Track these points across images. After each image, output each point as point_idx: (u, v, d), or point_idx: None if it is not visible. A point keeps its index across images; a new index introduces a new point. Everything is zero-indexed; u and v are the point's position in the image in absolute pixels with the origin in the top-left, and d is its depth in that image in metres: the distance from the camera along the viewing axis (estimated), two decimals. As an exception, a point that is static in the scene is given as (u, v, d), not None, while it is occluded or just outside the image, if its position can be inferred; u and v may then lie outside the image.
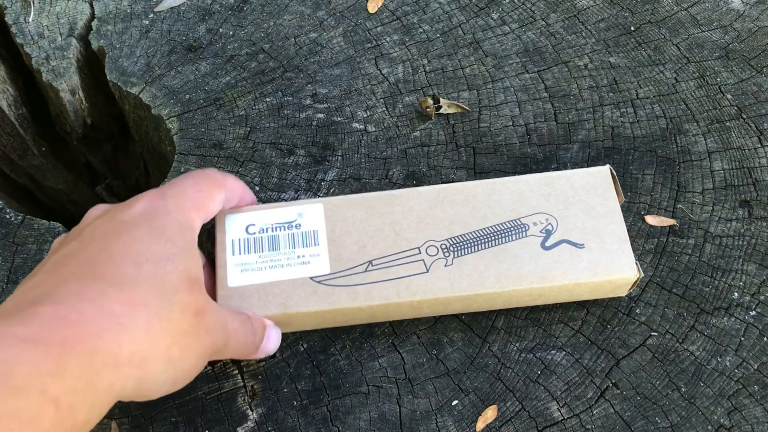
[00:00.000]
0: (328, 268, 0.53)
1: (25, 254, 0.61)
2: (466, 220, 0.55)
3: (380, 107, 0.68)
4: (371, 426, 0.53)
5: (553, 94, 0.69)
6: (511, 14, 0.75)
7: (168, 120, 0.68)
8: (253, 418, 0.54)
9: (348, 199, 0.56)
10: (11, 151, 0.83)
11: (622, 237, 0.54)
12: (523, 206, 0.56)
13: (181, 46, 0.73)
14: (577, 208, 0.55)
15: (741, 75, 0.69)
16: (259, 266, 0.53)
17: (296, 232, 0.55)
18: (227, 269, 0.53)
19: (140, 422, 0.53)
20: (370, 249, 0.54)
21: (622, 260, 0.53)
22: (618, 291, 0.56)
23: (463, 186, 0.57)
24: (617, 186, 0.56)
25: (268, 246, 0.54)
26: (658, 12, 0.74)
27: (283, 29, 0.74)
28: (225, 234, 0.55)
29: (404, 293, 0.53)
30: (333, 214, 0.56)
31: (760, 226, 0.61)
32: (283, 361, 0.56)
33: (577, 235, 0.54)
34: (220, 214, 0.56)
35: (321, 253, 0.54)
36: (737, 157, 0.64)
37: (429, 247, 0.54)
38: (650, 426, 0.53)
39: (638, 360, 0.55)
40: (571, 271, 0.53)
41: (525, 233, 0.54)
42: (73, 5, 0.77)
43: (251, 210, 0.56)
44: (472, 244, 0.54)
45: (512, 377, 0.55)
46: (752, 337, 0.56)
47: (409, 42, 0.73)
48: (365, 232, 0.55)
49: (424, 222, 0.55)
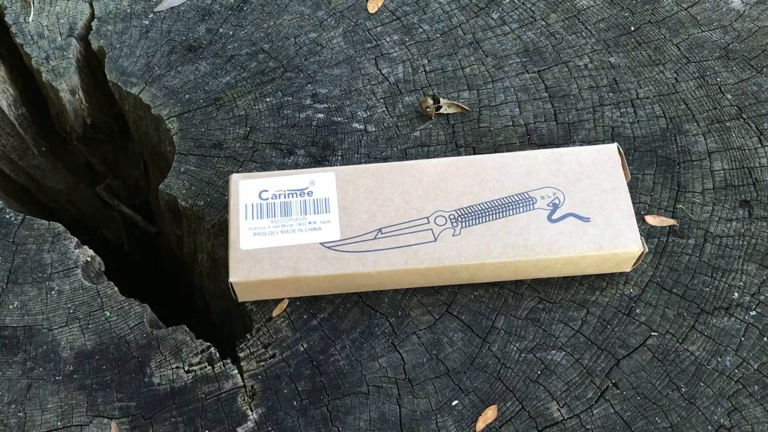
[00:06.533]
0: (338, 235, 0.55)
1: (25, 254, 0.61)
2: (475, 191, 0.56)
3: (380, 107, 0.68)
4: (371, 426, 0.53)
5: (553, 94, 0.69)
6: (511, 14, 0.75)
7: (168, 120, 0.68)
8: (253, 418, 0.54)
9: (360, 168, 0.58)
10: (11, 151, 0.83)
11: (627, 212, 0.55)
12: (531, 180, 0.57)
13: (181, 46, 0.73)
14: (584, 183, 0.57)
15: (741, 75, 0.69)
16: (271, 230, 0.55)
17: (308, 199, 0.56)
18: (240, 232, 0.55)
19: (140, 422, 0.53)
20: (380, 217, 0.55)
21: (627, 234, 0.54)
22: (623, 265, 0.56)
23: (474, 159, 0.58)
24: (624, 163, 0.57)
25: (280, 211, 0.56)
26: (658, 12, 0.74)
27: (283, 29, 0.74)
28: (239, 198, 0.56)
29: (412, 261, 0.54)
30: (345, 182, 0.57)
31: (760, 226, 0.61)
32: (283, 361, 0.56)
33: (583, 209, 0.55)
34: (233, 180, 0.57)
35: (332, 219, 0.55)
36: (737, 157, 0.64)
37: (437, 217, 0.55)
38: (650, 426, 0.53)
39: (638, 360, 0.55)
40: (577, 244, 0.54)
41: (532, 206, 0.55)
42: (73, 5, 0.77)
43: (265, 176, 0.57)
44: (480, 215, 0.55)
45: (512, 377, 0.55)
46: (752, 337, 0.56)
47: (409, 42, 0.73)
48: (376, 200, 0.56)
49: (434, 192, 0.56)
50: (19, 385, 0.55)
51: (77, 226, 0.90)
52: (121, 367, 0.56)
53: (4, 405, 0.54)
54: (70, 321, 0.58)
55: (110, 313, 0.58)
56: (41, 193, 0.90)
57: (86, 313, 0.58)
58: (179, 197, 0.64)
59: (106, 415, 0.54)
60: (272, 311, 0.58)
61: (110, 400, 0.54)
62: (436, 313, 0.57)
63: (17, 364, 0.56)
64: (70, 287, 0.59)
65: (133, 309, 0.58)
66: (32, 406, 0.54)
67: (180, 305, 0.89)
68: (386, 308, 0.58)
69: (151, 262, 0.98)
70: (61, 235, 0.62)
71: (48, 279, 0.59)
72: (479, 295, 0.58)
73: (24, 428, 0.53)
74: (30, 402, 0.54)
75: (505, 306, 0.58)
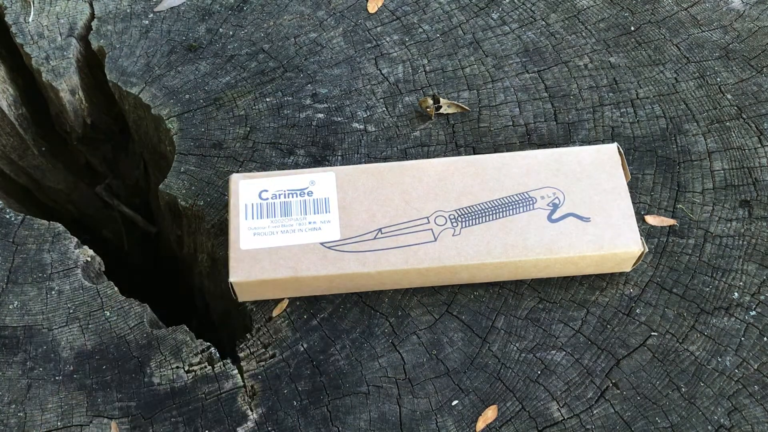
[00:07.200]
0: (338, 235, 0.55)
1: (25, 254, 0.61)
2: (475, 191, 0.56)
3: (380, 107, 0.68)
4: (371, 426, 0.53)
5: (553, 94, 0.69)
6: (511, 14, 0.75)
7: (168, 120, 0.68)
8: (253, 418, 0.54)
9: (360, 168, 0.58)
10: (11, 151, 0.83)
11: (627, 212, 0.55)
12: (531, 180, 0.57)
13: (181, 46, 0.73)
14: (584, 183, 0.57)
15: (741, 75, 0.69)
16: (271, 230, 0.55)
17: (308, 199, 0.56)
18: (240, 232, 0.55)
19: (140, 422, 0.53)
20: (380, 217, 0.55)
21: (627, 234, 0.54)
22: (623, 266, 0.56)
23: (474, 159, 0.58)
24: (624, 163, 0.57)
25: (280, 211, 0.56)
26: (658, 12, 0.74)
27: (283, 29, 0.74)
28: (239, 198, 0.56)
29: (412, 260, 0.54)
30: (345, 182, 0.57)
31: (760, 226, 0.61)
32: (283, 361, 0.56)
33: (583, 209, 0.55)
34: (233, 180, 0.57)
35: (332, 219, 0.55)
36: (737, 157, 0.64)
37: (437, 217, 0.55)
38: (650, 426, 0.52)
39: (638, 360, 0.55)
40: (577, 244, 0.54)
41: (532, 206, 0.56)
42: (73, 5, 0.77)
43: (264, 176, 0.57)
44: (480, 215, 0.55)
45: (512, 377, 0.55)
46: (752, 337, 0.56)
47: (409, 42, 0.73)
48: (376, 200, 0.56)
49: (434, 192, 0.56)
50: (19, 385, 0.55)
51: (77, 226, 0.90)
52: (121, 367, 0.56)
53: (4, 405, 0.54)
54: (70, 321, 0.58)
55: (110, 313, 0.58)
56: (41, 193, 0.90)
57: (86, 313, 0.58)
58: (179, 197, 0.64)
59: (106, 415, 0.54)
60: (272, 311, 0.58)
61: (110, 400, 0.54)
62: (436, 313, 0.57)
63: (17, 364, 0.56)
64: (70, 287, 0.59)
65: (133, 309, 0.58)
66: (32, 406, 0.54)
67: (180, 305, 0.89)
68: (386, 308, 0.58)
69: (151, 262, 0.98)
70: (61, 235, 0.62)
71: (48, 279, 0.59)
72: (479, 295, 0.58)
73: (24, 428, 0.53)
74: (30, 402, 0.54)
75: (505, 306, 0.58)
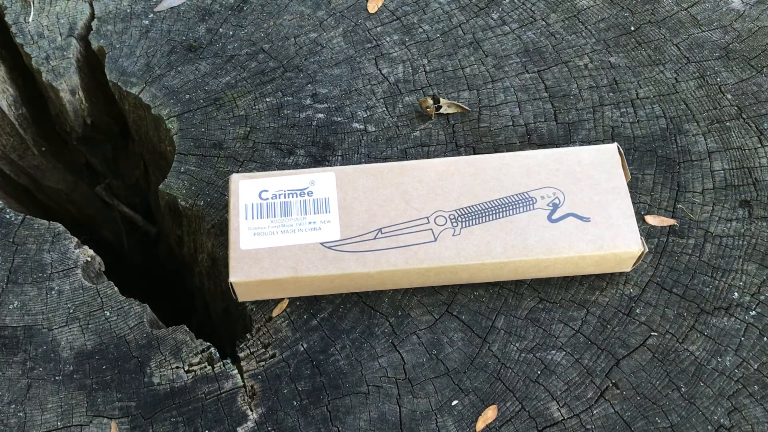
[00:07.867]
0: (338, 235, 0.55)
1: (25, 254, 0.61)
2: (475, 191, 0.56)
3: (380, 107, 0.68)
4: (371, 426, 0.53)
5: (553, 94, 0.69)
6: (511, 14, 0.75)
7: (168, 120, 0.68)
8: (253, 418, 0.54)
9: (360, 168, 0.58)
10: (11, 151, 0.83)
11: (627, 212, 0.55)
12: (531, 180, 0.57)
13: (181, 46, 0.73)
14: (584, 183, 0.57)
15: (741, 75, 0.69)
16: (271, 230, 0.55)
17: (308, 199, 0.56)
18: (240, 232, 0.55)
19: (140, 422, 0.53)
20: (380, 217, 0.56)
21: (627, 234, 0.55)
22: (623, 265, 0.56)
23: (474, 159, 0.58)
24: (624, 163, 0.57)
25: (280, 211, 0.56)
26: (658, 12, 0.74)
27: (283, 29, 0.74)
28: (238, 198, 0.56)
29: (412, 260, 0.54)
30: (344, 182, 0.57)
31: (760, 226, 0.61)
32: (283, 361, 0.56)
33: (583, 209, 0.55)
34: (233, 180, 0.57)
35: (332, 219, 0.55)
36: (737, 157, 0.64)
37: (437, 217, 0.55)
38: (650, 426, 0.52)
39: (638, 360, 0.55)
40: (577, 244, 0.54)
41: (532, 206, 0.56)
42: (73, 5, 0.77)
43: (265, 176, 0.57)
44: (480, 215, 0.55)
45: (512, 377, 0.55)
46: (752, 337, 0.56)
47: (409, 42, 0.73)
48: (375, 200, 0.56)
49: (434, 192, 0.56)
50: (19, 385, 0.55)
51: (77, 226, 0.90)
52: (121, 367, 0.56)
53: (4, 405, 0.54)
54: (70, 321, 0.58)
55: (110, 313, 0.58)
56: (41, 193, 0.90)
57: (86, 313, 0.58)
58: (179, 197, 0.64)
59: (106, 415, 0.54)
60: (272, 311, 0.58)
61: (110, 400, 0.54)
62: (436, 313, 0.57)
63: (17, 364, 0.56)
64: (70, 287, 0.59)
65: (133, 309, 0.58)
66: (32, 406, 0.54)
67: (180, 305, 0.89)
68: (386, 308, 0.58)
69: (151, 262, 0.98)
70: (61, 235, 0.62)
71: (48, 279, 0.59)
72: (479, 295, 0.58)
73: (24, 428, 0.53)
74: (30, 402, 0.54)
75: (505, 306, 0.58)
